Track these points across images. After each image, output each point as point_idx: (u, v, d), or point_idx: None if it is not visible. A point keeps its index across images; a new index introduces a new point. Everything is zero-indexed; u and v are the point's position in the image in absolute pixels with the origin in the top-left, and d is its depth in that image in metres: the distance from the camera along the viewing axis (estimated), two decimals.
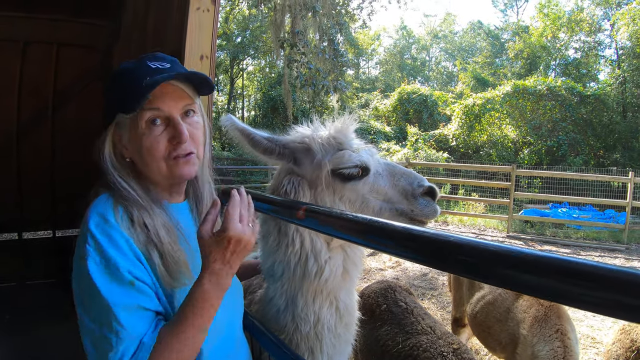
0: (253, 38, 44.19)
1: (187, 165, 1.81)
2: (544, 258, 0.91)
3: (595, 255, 13.07)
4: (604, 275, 0.79)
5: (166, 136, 1.75)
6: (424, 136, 29.02)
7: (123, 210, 1.67)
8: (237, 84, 50.95)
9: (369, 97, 41.69)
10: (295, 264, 2.08)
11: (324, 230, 1.66)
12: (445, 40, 66.02)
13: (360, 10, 30.89)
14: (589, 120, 26.53)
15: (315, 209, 1.68)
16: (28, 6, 5.84)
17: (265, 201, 2.09)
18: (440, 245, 1.08)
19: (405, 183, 2.21)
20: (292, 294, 2.14)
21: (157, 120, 1.74)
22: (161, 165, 1.76)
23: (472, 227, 16.70)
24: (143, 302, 1.56)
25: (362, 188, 2.17)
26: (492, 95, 28.07)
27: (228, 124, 2.17)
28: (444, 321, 7.21)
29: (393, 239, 1.26)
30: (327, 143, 2.17)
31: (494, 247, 0.98)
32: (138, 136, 1.73)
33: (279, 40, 19.48)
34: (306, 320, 2.12)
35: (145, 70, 1.76)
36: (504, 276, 0.95)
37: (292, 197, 2.12)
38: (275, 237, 2.14)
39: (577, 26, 35.94)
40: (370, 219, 1.38)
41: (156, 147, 1.74)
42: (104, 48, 6.24)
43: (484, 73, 45.75)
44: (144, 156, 1.75)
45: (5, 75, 6.06)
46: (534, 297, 2.40)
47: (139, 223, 1.67)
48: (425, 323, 3.62)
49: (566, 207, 18.34)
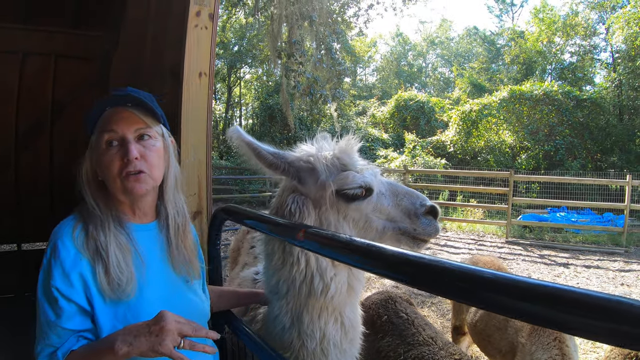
0: (250, 46, 44.14)
1: (138, 182, 1.97)
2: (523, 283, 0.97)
3: (595, 259, 13.12)
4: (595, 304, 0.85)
5: (120, 155, 1.94)
6: (421, 143, 29.00)
7: (82, 228, 1.93)
8: (234, 92, 50.93)
9: (366, 104, 41.69)
10: (300, 282, 2.11)
11: (323, 253, 1.73)
12: (441, 46, 66.08)
13: (357, 18, 30.98)
14: (585, 123, 26.56)
15: (314, 232, 1.74)
16: (26, 18, 5.89)
17: (266, 222, 2.15)
18: (438, 272, 1.15)
19: (408, 203, 2.24)
20: (297, 311, 2.17)
21: (113, 142, 1.96)
22: (117, 181, 1.95)
23: (470, 233, 16.74)
24: (62, 322, 1.80)
25: (366, 208, 2.19)
26: (489, 101, 28.11)
27: (235, 135, 2.20)
28: (443, 329, 7.24)
29: (388, 264, 1.32)
30: (331, 164, 2.20)
31: (490, 274, 1.04)
32: (100, 155, 1.96)
33: (276, 50, 19.53)
34: (312, 337, 2.16)
35: (111, 98, 2.08)
36: (495, 301, 1.02)
37: (297, 216, 2.14)
38: (280, 255, 2.17)
39: (572, 30, 35.97)
40: (367, 243, 1.44)
41: (112, 164, 1.94)
42: (102, 59, 6.29)
43: (481, 79, 45.78)
44: (105, 173, 1.97)
45: (3, 87, 6.10)
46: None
47: (92, 237, 1.89)
48: (426, 334, 3.64)
49: (564, 211, 18.37)
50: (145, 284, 1.96)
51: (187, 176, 3.31)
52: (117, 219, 1.99)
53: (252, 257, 4.00)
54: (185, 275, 2.14)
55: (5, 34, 5.91)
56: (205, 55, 3.50)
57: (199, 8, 3.46)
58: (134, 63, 5.15)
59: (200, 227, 3.27)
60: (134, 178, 1.95)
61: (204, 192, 3.44)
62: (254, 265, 3.78)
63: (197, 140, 3.39)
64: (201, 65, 3.48)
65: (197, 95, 3.40)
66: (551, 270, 11.97)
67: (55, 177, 6.56)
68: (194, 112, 3.39)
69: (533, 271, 11.83)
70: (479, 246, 14.75)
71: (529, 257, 13.39)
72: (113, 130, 1.96)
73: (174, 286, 2.10)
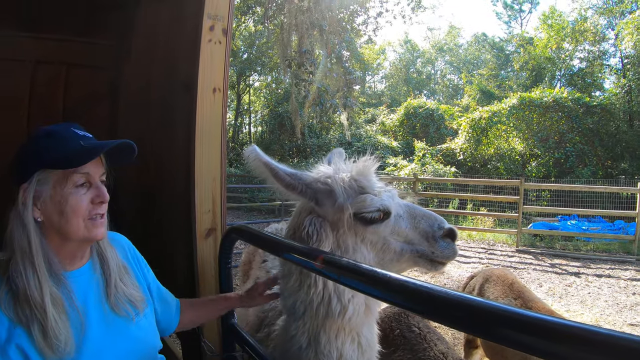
0: (259, 54, 44.24)
1: (102, 227, 1.95)
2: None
3: (606, 268, 13.04)
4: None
5: (89, 197, 1.89)
6: (431, 151, 28.94)
7: (8, 289, 1.75)
8: (243, 99, 51.07)
9: (376, 112, 41.70)
10: (318, 304, 2.10)
11: (341, 281, 1.75)
12: (450, 53, 65.86)
13: (366, 25, 31.06)
14: (595, 130, 26.39)
15: (332, 260, 1.75)
16: (37, 27, 5.93)
17: (289, 249, 2.16)
18: (452, 305, 1.16)
19: (426, 225, 2.23)
20: (314, 331, 2.17)
21: (85, 183, 1.89)
22: (80, 224, 1.86)
23: (481, 241, 16.67)
24: None
25: (384, 230, 2.18)
26: (499, 108, 28.00)
27: (252, 155, 2.15)
28: (454, 341, 7.21)
29: (413, 298, 1.34)
30: (349, 186, 2.19)
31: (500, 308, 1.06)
32: (64, 194, 1.84)
33: (286, 59, 19.58)
34: (329, 357, 2.16)
35: (73, 134, 1.94)
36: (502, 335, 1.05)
37: (315, 239, 2.13)
38: (297, 277, 2.17)
39: (581, 36, 35.79)
40: (389, 275, 1.44)
41: (80, 205, 1.86)
42: (113, 68, 6.33)
43: (490, 85, 45.65)
44: (67, 214, 1.84)
45: (15, 95, 6.15)
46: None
47: (24, 298, 1.73)
48: (437, 349, 3.64)
49: (575, 219, 18.25)
50: (86, 338, 1.87)
51: (200, 193, 3.33)
52: (53, 270, 1.84)
53: (264, 272, 3.98)
54: (128, 313, 2.06)
55: (16, 42, 5.95)
56: (219, 70, 3.49)
57: (213, 22, 3.45)
58: (145, 74, 5.18)
59: (215, 244, 3.27)
60: (100, 222, 1.93)
61: (218, 208, 3.43)
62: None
63: (211, 156, 3.38)
64: (215, 80, 3.46)
65: (211, 111, 3.40)
66: (562, 279, 11.92)
67: None
68: (208, 128, 3.37)
69: (544, 281, 11.78)
70: (489, 255, 14.70)
71: (539, 266, 13.34)
72: (87, 173, 1.90)
73: (117, 328, 2.02)
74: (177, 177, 3.61)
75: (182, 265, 2.32)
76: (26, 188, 1.81)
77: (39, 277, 1.75)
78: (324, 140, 34.19)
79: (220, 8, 3.46)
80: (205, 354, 3.17)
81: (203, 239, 3.24)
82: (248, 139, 49.43)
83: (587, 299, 10.25)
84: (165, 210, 4.00)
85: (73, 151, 1.86)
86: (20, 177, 1.83)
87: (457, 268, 12.94)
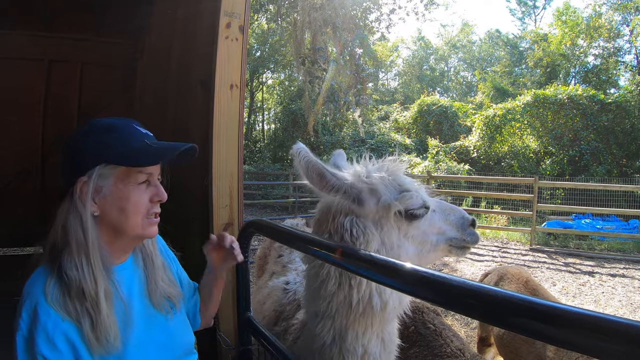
0: (272, 51, 44.32)
1: (155, 225, 1.95)
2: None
3: (620, 267, 12.96)
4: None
5: (148, 195, 1.88)
6: (444, 148, 28.86)
7: (58, 283, 1.71)
8: (257, 97, 51.20)
9: (389, 109, 41.59)
10: (357, 302, 2.13)
11: (358, 272, 1.78)
12: (463, 50, 65.60)
13: (379, 23, 31.00)
14: (610, 128, 26.13)
15: (351, 252, 1.78)
16: (51, 26, 5.98)
17: (302, 240, 2.18)
18: (477, 297, 1.18)
19: (454, 218, 2.44)
20: (341, 329, 2.20)
21: (145, 181, 1.88)
22: (139, 221, 1.86)
23: (494, 239, 16.63)
24: None
25: (423, 225, 2.31)
26: (513, 106, 27.82)
27: (302, 154, 2.10)
28: (468, 338, 7.23)
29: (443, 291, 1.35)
30: (390, 184, 2.26)
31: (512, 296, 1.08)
32: (126, 191, 1.82)
33: (300, 57, 19.59)
34: (354, 353, 2.20)
35: (136, 131, 1.91)
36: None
37: (362, 239, 2.15)
38: (337, 280, 2.17)
39: (595, 32, 35.51)
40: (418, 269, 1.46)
41: (141, 203, 1.86)
42: (127, 67, 6.37)
43: (504, 82, 45.40)
44: (128, 211, 1.83)
45: (30, 94, 6.21)
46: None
47: (77, 292, 1.70)
48: (454, 345, 3.64)
49: (589, 218, 18.10)
50: (131, 332, 1.85)
51: (218, 188, 3.36)
52: (104, 263, 1.81)
53: (280, 266, 4.02)
54: (166, 309, 2.06)
55: (31, 41, 6.00)
56: (236, 67, 3.51)
57: (229, 20, 3.47)
58: (160, 72, 5.21)
59: None
60: (155, 221, 1.93)
61: (235, 203, 3.46)
62: (282, 274, 3.81)
63: (228, 152, 3.41)
64: (232, 77, 3.49)
65: (228, 107, 3.42)
66: (576, 278, 11.86)
67: None
68: (226, 125, 3.38)
69: (558, 279, 11.74)
70: (503, 253, 14.66)
71: (553, 265, 13.29)
72: (151, 173, 1.89)
73: (157, 324, 2.02)
74: (194, 172, 3.64)
75: (198, 260, 2.33)
76: (85, 181, 1.77)
77: (93, 271, 1.73)
78: (337, 137, 34.16)
79: (236, 5, 3.48)
80: (220, 347, 3.20)
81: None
82: (261, 136, 49.55)
83: (601, 299, 10.20)
84: (182, 205, 4.04)
85: (140, 150, 1.85)
86: (78, 170, 1.78)
87: (470, 266, 12.93)
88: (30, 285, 1.73)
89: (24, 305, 1.67)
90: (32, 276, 1.76)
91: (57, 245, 1.76)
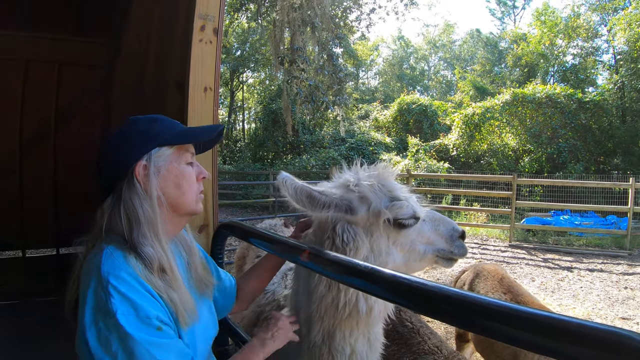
0: (252, 51, 44.19)
1: (201, 202, 2.02)
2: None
3: (598, 262, 13.13)
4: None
5: (194, 173, 1.98)
6: (424, 147, 29.00)
7: (138, 262, 1.70)
8: (237, 96, 51.01)
9: (369, 108, 41.67)
10: (343, 304, 2.16)
11: (325, 273, 1.84)
12: (443, 49, 66.05)
13: (359, 22, 31.06)
14: (588, 126, 26.44)
15: (318, 253, 1.79)
16: (29, 26, 5.93)
17: (270, 241, 2.19)
18: (432, 297, 1.19)
19: (444, 229, 2.42)
20: (330, 330, 2.24)
21: (191, 162, 1.99)
22: (193, 197, 1.96)
23: (474, 237, 16.72)
24: (177, 345, 1.67)
25: (412, 234, 2.32)
26: (492, 104, 28.02)
27: (288, 182, 2.14)
28: (447, 335, 7.25)
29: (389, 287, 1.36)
30: (379, 191, 2.28)
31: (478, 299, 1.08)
32: (180, 169, 1.92)
33: (279, 57, 19.55)
34: (342, 353, 2.24)
35: (172, 120, 2.03)
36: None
37: (352, 245, 2.18)
38: (328, 281, 2.19)
39: (574, 32, 35.89)
40: (366, 265, 1.50)
41: (193, 180, 1.97)
42: (105, 66, 6.34)
43: (483, 81, 45.73)
44: (184, 187, 1.93)
45: (7, 94, 6.15)
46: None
47: (159, 268, 1.73)
48: (431, 342, 3.65)
49: (568, 214, 18.29)
50: (197, 306, 1.90)
51: None
52: (166, 241, 1.86)
53: None
54: (207, 294, 2.14)
55: (7, 41, 5.95)
56: (210, 69, 3.52)
57: (204, 22, 3.47)
58: (137, 73, 5.20)
59: (207, 240, 3.30)
60: (201, 197, 2.02)
61: (210, 205, 3.48)
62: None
63: (202, 155, 3.42)
64: (206, 79, 3.50)
65: (202, 110, 3.43)
66: (555, 274, 11.97)
67: (59, 184, 6.61)
68: None
69: (537, 275, 11.83)
70: (483, 250, 14.75)
71: (532, 261, 13.40)
72: (192, 152, 2.02)
73: (202, 303, 2.06)
74: None
75: None
76: (145, 164, 1.84)
77: (164, 248, 1.79)
78: (317, 136, 34.21)
79: (211, 8, 3.48)
80: None
81: (196, 235, 3.27)
82: (242, 135, 49.43)
83: (580, 293, 10.29)
84: None
85: (188, 131, 2.02)
86: (134, 156, 1.83)
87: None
88: (105, 265, 1.64)
89: (102, 287, 1.58)
90: (99, 258, 1.67)
91: (119, 226, 1.76)
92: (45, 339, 5.36)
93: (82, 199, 6.55)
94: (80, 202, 6.54)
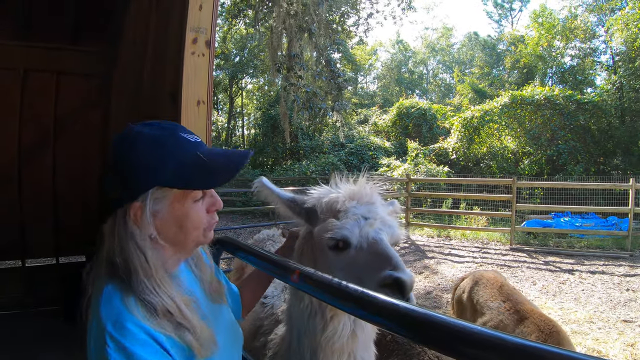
0: (251, 57, 44.25)
1: (212, 230, 1.84)
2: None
3: (600, 264, 13.07)
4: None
5: (205, 206, 1.77)
6: (424, 150, 28.99)
7: (139, 305, 1.55)
8: (236, 102, 51.01)
9: (368, 112, 41.67)
10: (307, 317, 2.12)
11: (318, 296, 1.77)
12: (442, 52, 66.11)
13: (357, 27, 31.12)
14: (587, 127, 26.43)
15: (307, 275, 1.76)
16: (26, 35, 5.95)
17: (262, 259, 2.17)
18: (432, 326, 1.16)
19: (375, 267, 1.95)
20: (313, 347, 2.16)
21: (202, 196, 1.76)
22: (200, 234, 1.77)
23: (475, 240, 16.67)
24: None
25: (343, 260, 2.06)
26: (490, 107, 28.04)
27: (259, 185, 2.27)
28: None
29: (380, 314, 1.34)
30: (327, 208, 2.16)
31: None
32: (184, 210, 1.70)
33: (276, 64, 19.53)
34: None
35: (185, 141, 1.74)
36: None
37: (308, 256, 2.20)
38: (311, 299, 2.15)
39: (571, 33, 35.92)
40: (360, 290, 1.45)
41: (200, 219, 1.75)
42: (103, 75, 6.34)
43: (482, 84, 45.78)
44: (187, 228, 1.73)
45: (5, 103, 6.16)
46: None
47: (164, 313, 1.57)
48: (431, 353, 3.66)
49: (568, 216, 18.23)
50: (211, 326, 1.76)
51: None
52: (169, 275, 1.72)
53: None
54: (222, 300, 2.02)
55: (5, 51, 5.96)
56: (203, 83, 3.48)
57: (196, 35, 3.45)
58: (133, 83, 5.19)
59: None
60: (213, 226, 1.84)
61: None
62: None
63: None
64: (199, 93, 3.46)
65: (195, 123, 3.39)
66: (556, 277, 11.93)
67: (58, 193, 6.62)
68: None
69: (538, 278, 11.79)
70: (483, 254, 14.70)
71: (533, 264, 13.35)
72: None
73: (221, 316, 1.98)
74: None
75: None
76: (140, 206, 1.63)
77: (167, 290, 1.61)
78: (317, 142, 34.23)
79: (203, 21, 3.46)
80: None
81: None
82: (241, 141, 49.42)
83: (581, 296, 10.26)
84: None
85: (195, 166, 1.69)
86: (130, 193, 1.63)
87: (451, 267, 12.96)
88: (104, 308, 1.52)
89: (105, 335, 1.45)
90: (99, 298, 1.56)
91: (117, 266, 1.59)
92: (45, 349, 5.35)
93: (82, 207, 6.59)
94: (79, 211, 6.58)
